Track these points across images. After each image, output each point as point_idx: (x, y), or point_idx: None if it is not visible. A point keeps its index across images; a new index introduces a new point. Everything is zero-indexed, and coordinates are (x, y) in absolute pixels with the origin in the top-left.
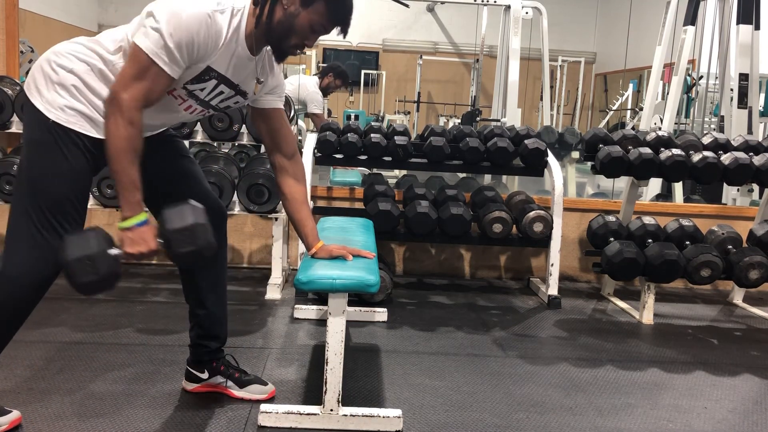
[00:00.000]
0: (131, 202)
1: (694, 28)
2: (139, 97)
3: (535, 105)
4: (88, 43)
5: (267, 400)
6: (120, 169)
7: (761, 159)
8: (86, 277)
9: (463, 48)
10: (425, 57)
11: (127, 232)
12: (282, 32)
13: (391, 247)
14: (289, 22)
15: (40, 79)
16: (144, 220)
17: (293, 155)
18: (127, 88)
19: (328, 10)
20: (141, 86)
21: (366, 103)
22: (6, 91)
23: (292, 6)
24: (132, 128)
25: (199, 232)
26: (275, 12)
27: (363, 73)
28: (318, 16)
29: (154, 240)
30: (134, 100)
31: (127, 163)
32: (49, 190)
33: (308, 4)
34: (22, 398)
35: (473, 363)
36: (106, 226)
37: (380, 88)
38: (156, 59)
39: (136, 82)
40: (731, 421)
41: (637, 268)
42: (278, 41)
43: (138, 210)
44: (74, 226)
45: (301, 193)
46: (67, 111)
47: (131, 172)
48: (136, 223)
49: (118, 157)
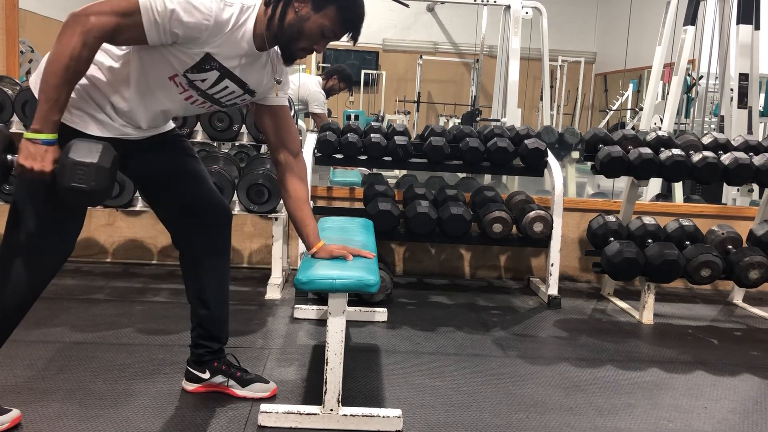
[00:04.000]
0: (48, 119)
1: (694, 28)
2: (106, 28)
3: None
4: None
5: (269, 398)
6: (53, 83)
7: (761, 159)
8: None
9: (463, 48)
10: (425, 57)
11: (28, 144)
12: (292, 35)
13: (391, 247)
14: (299, 26)
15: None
16: (52, 140)
17: (298, 153)
18: (99, 15)
19: (339, 16)
20: (113, 21)
21: (366, 103)
22: (6, 91)
23: (303, 9)
24: (83, 50)
25: (98, 173)
26: (287, 14)
27: (363, 73)
28: (329, 21)
29: (51, 163)
30: (99, 29)
31: (62, 80)
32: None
33: (320, 9)
34: (22, 398)
35: (473, 363)
36: (106, 225)
37: (380, 88)
38: (143, 12)
39: (112, 16)
40: (731, 421)
41: (637, 268)
42: (287, 43)
43: (51, 129)
44: (73, 224)
45: (304, 192)
46: (73, 111)
47: (62, 91)
48: (42, 139)
49: (55, 72)
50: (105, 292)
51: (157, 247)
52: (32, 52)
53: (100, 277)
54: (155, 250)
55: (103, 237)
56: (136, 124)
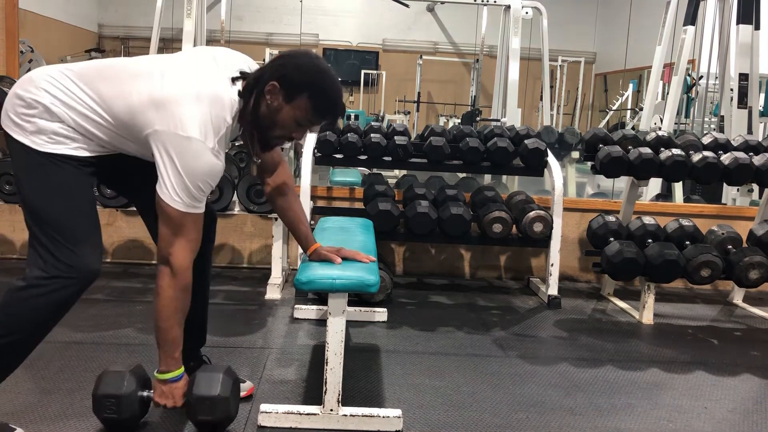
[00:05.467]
0: (170, 357)
1: (694, 28)
2: (187, 255)
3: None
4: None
5: (245, 397)
6: (166, 327)
7: (761, 159)
8: (108, 414)
9: (463, 48)
10: (425, 57)
11: (161, 385)
12: (266, 125)
13: (391, 247)
14: (272, 117)
15: (13, 114)
16: (179, 376)
17: (274, 168)
18: (172, 248)
19: (312, 106)
20: (184, 240)
21: (366, 103)
22: (6, 91)
23: (275, 101)
24: (183, 294)
25: (219, 405)
26: (260, 105)
27: (363, 73)
28: (301, 112)
29: (182, 399)
30: (184, 260)
31: (173, 323)
32: (49, 211)
33: (291, 99)
34: (22, 398)
35: (473, 363)
36: (106, 226)
37: (380, 88)
38: (187, 210)
39: (179, 238)
40: (731, 421)
41: (637, 268)
42: (262, 132)
43: (174, 366)
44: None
45: (289, 203)
46: (54, 137)
47: (175, 332)
48: (170, 378)
49: (166, 318)
50: (105, 292)
51: None
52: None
53: (100, 277)
54: (155, 250)
55: (103, 237)
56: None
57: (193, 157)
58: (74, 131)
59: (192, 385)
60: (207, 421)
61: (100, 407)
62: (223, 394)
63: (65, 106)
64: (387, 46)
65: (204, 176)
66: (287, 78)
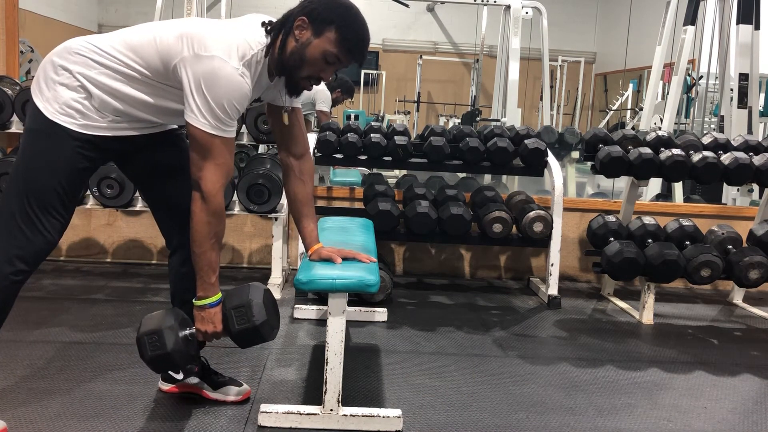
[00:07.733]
0: (207, 283)
1: (694, 28)
2: (217, 178)
3: (535, 105)
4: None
5: (242, 401)
6: (201, 252)
7: (761, 159)
8: (153, 351)
9: (463, 48)
10: (425, 57)
11: (200, 311)
12: (294, 63)
13: (391, 247)
14: (301, 53)
15: (41, 78)
16: (217, 301)
17: (302, 155)
18: (202, 171)
19: (339, 37)
20: (213, 164)
21: (366, 103)
22: (6, 91)
23: (303, 36)
24: (215, 217)
25: (254, 309)
26: (287, 43)
27: (363, 73)
28: (330, 45)
29: (221, 322)
30: (216, 183)
31: (207, 247)
32: (37, 179)
33: (320, 33)
34: (22, 398)
35: (473, 363)
36: (106, 226)
37: (380, 88)
38: (214, 132)
39: (208, 162)
40: (731, 421)
41: (637, 268)
42: (291, 73)
43: (212, 292)
44: (54, 222)
45: (303, 193)
46: (66, 109)
47: (211, 256)
48: (209, 303)
49: (200, 241)
50: (105, 292)
51: (157, 247)
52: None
53: (100, 277)
54: (155, 250)
55: (103, 237)
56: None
57: (216, 75)
58: (89, 102)
59: (224, 303)
60: (246, 329)
61: (143, 348)
62: (255, 299)
63: (97, 65)
64: (387, 46)
65: (228, 95)
66: (315, 12)
